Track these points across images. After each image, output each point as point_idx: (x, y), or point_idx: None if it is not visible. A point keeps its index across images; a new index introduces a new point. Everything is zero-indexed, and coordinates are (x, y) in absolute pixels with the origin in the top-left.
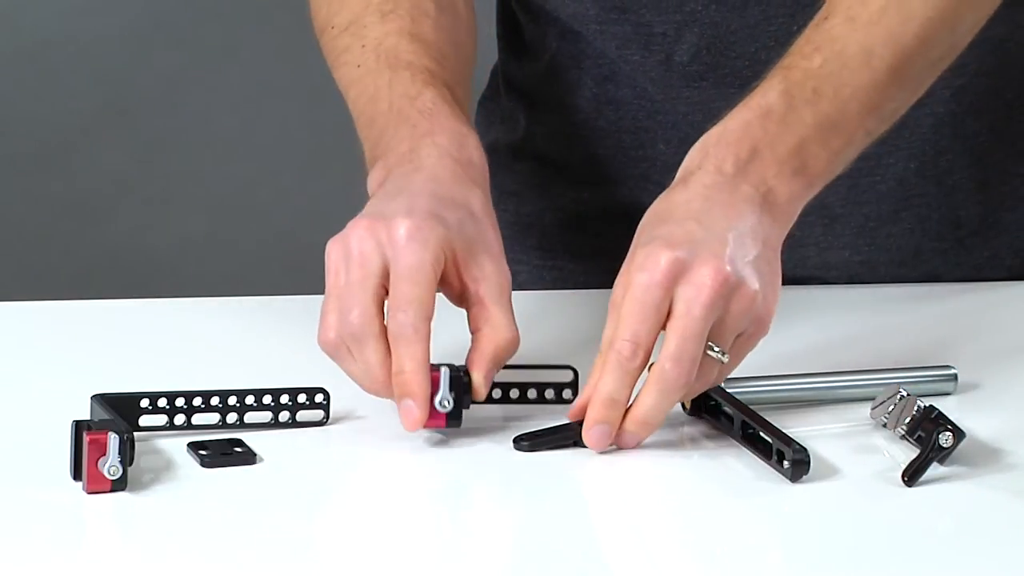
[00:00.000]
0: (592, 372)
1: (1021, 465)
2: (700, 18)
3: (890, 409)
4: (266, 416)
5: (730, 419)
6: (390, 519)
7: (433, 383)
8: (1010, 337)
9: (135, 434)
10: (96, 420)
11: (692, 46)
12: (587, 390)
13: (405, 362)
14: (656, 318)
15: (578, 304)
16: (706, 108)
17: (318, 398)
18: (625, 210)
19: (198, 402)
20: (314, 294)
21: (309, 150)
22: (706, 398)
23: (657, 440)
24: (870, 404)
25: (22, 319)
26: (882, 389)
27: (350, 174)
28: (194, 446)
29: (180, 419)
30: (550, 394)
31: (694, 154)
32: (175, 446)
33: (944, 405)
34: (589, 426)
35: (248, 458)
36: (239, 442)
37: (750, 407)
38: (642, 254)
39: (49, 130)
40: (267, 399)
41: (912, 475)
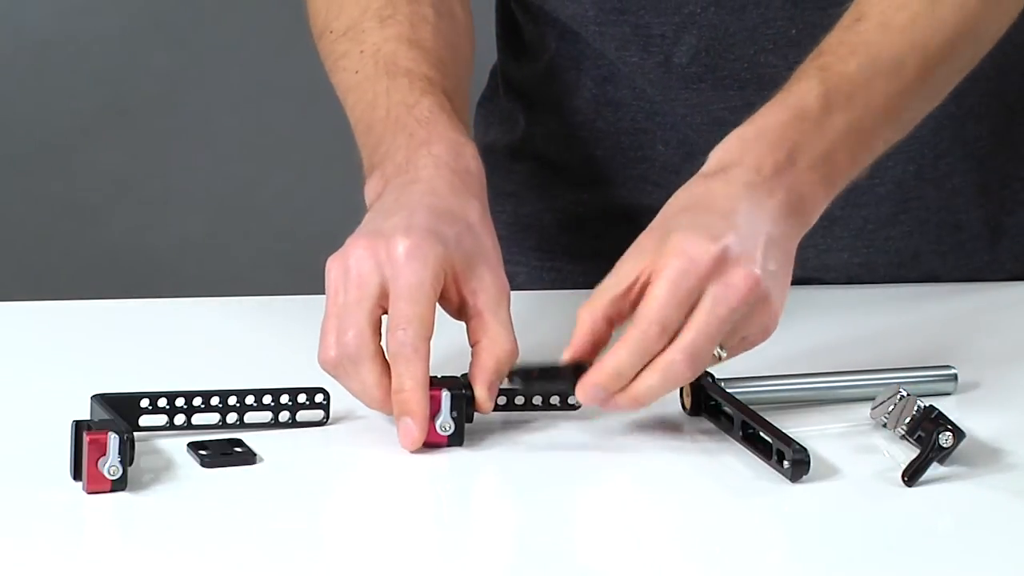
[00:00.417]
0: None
1: (1021, 465)
2: (699, 20)
3: (890, 409)
4: (266, 416)
5: (730, 419)
6: (390, 519)
7: (435, 403)
8: (1010, 337)
9: (135, 434)
10: (96, 420)
11: (691, 48)
12: (579, 336)
13: (404, 381)
14: (687, 306)
15: (577, 304)
16: (704, 110)
17: (318, 398)
18: (624, 211)
19: (198, 402)
20: (314, 294)
21: (309, 150)
22: (706, 398)
23: (657, 439)
24: (870, 404)
25: (22, 319)
26: (882, 389)
27: (350, 174)
28: (194, 446)
29: (180, 419)
30: (555, 401)
31: (731, 146)
32: (175, 446)
33: (944, 405)
34: (587, 384)
35: (248, 458)
36: (239, 442)
37: (750, 407)
38: (685, 239)
39: (49, 130)
40: (267, 399)
41: (912, 475)
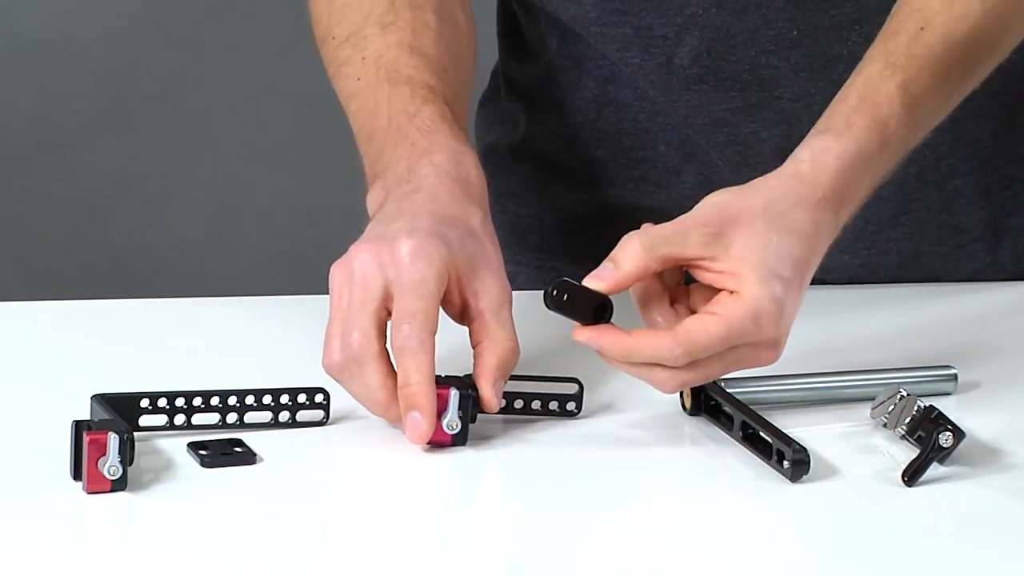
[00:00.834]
0: (630, 246)
1: (1021, 465)
2: (700, 21)
3: (890, 409)
4: (266, 416)
5: (730, 419)
6: (391, 519)
7: (442, 403)
8: (1010, 337)
9: (135, 434)
10: (96, 420)
11: (692, 49)
12: (623, 274)
13: (411, 375)
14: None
15: None
16: (706, 111)
17: (318, 398)
18: (625, 211)
19: (198, 402)
20: (314, 294)
21: (309, 150)
22: (706, 398)
23: (657, 440)
24: (870, 404)
25: (22, 319)
26: (882, 389)
27: (350, 175)
28: (194, 446)
29: (180, 419)
30: (554, 406)
31: (828, 162)
32: (175, 446)
33: (944, 405)
34: (593, 339)
35: (248, 458)
36: (239, 442)
37: (750, 407)
38: (766, 310)
39: (49, 130)
40: (267, 399)
41: (912, 475)
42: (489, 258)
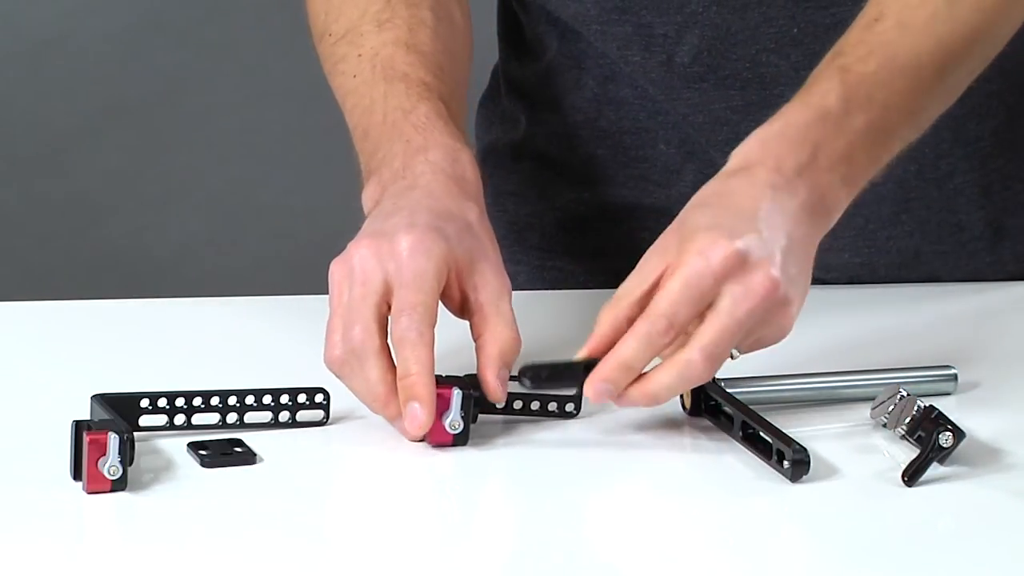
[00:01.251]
0: (602, 313)
1: (1021, 465)
2: (701, 19)
3: (890, 409)
4: (266, 416)
5: (730, 419)
6: (390, 519)
7: (444, 402)
8: (1010, 337)
9: (135, 434)
10: (96, 420)
11: (693, 47)
12: (598, 336)
13: (410, 365)
14: (700, 305)
15: (578, 305)
16: (706, 109)
17: (318, 398)
18: (625, 210)
19: (198, 402)
20: (314, 294)
21: (309, 150)
22: (706, 398)
23: (657, 440)
24: (870, 404)
25: (22, 319)
26: (882, 389)
27: (350, 175)
28: (194, 446)
29: (180, 419)
30: (554, 407)
31: (752, 145)
32: (175, 446)
33: (944, 405)
34: (596, 380)
35: (248, 458)
36: (239, 442)
37: (750, 407)
38: (705, 239)
39: (49, 130)
40: (267, 399)
41: (912, 475)
42: (487, 252)
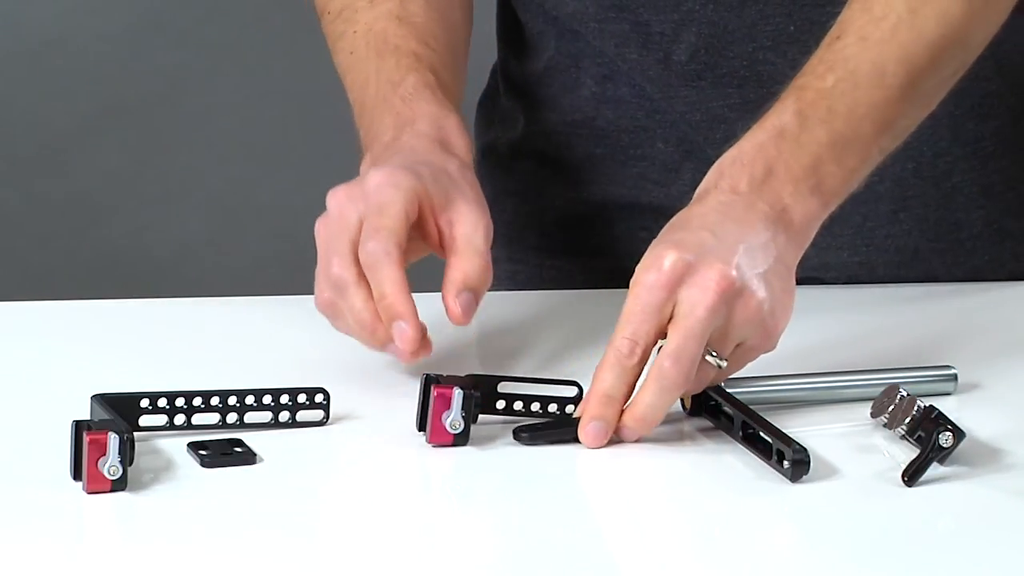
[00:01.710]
0: (596, 373)
1: (1021, 465)
2: (698, 17)
3: (890, 409)
4: (266, 416)
5: (730, 419)
6: (390, 519)
7: (446, 401)
8: (1010, 337)
9: (135, 434)
10: (96, 420)
11: (690, 45)
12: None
13: (384, 287)
14: (657, 318)
15: (579, 304)
16: (704, 107)
17: (318, 398)
18: (624, 209)
19: (198, 402)
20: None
21: (309, 150)
22: (706, 398)
23: (657, 440)
24: (870, 404)
25: (22, 319)
26: (882, 389)
27: (350, 174)
28: (194, 446)
29: (180, 419)
30: (553, 408)
31: (710, 175)
32: (175, 446)
33: (944, 405)
34: (586, 423)
35: (248, 458)
36: (239, 442)
37: (750, 407)
38: (651, 256)
39: (49, 130)
40: (267, 399)
41: (912, 475)
42: (465, 193)
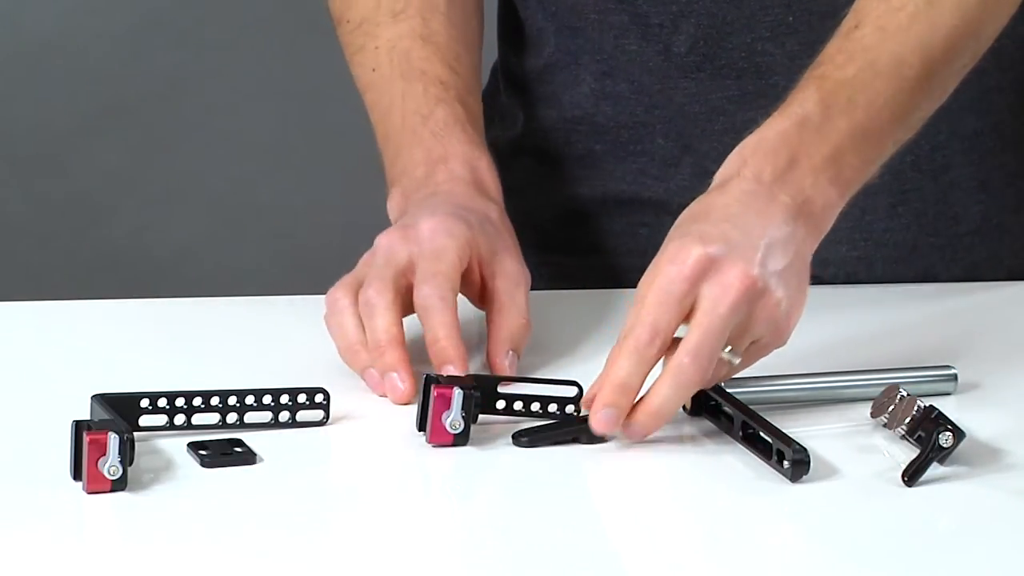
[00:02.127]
0: (607, 361)
1: (1021, 465)
2: (696, 8)
3: (890, 409)
4: (266, 416)
5: (730, 419)
6: (390, 519)
7: (446, 401)
8: (1010, 337)
9: (135, 434)
10: (96, 420)
11: (689, 37)
12: (600, 378)
13: (438, 331)
14: (678, 311)
15: (578, 304)
16: (703, 99)
17: (318, 398)
18: (624, 204)
19: (198, 402)
20: (314, 294)
21: (309, 150)
22: (706, 398)
23: (657, 440)
24: (870, 404)
25: (22, 319)
26: (882, 389)
27: (350, 174)
28: (194, 446)
29: (180, 419)
30: (553, 408)
31: (731, 161)
32: (175, 446)
33: (944, 405)
34: (598, 409)
35: (248, 458)
36: (239, 442)
37: (750, 407)
38: (674, 247)
39: (49, 130)
40: (267, 399)
41: (912, 475)
42: (507, 244)
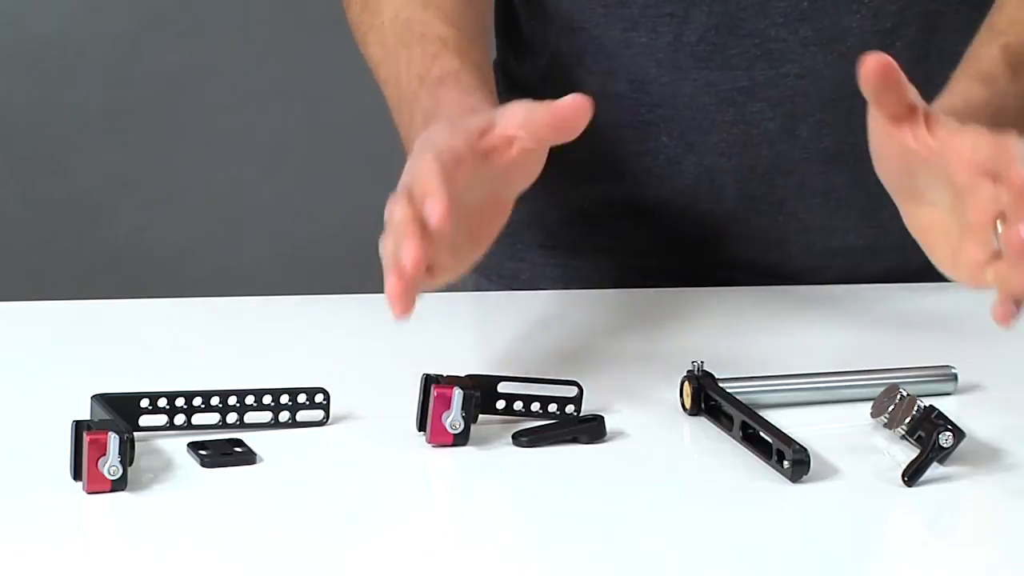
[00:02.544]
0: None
1: (1021, 465)
2: None
3: (890, 409)
4: (266, 416)
5: (730, 419)
6: (390, 519)
7: (446, 401)
8: (1010, 337)
9: (135, 434)
10: (96, 420)
11: (701, 25)
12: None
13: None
14: None
15: (579, 304)
16: (713, 90)
17: (318, 398)
18: (628, 204)
19: (198, 402)
20: (314, 294)
21: (309, 150)
22: (706, 398)
23: (657, 440)
24: (870, 404)
25: (22, 319)
26: (882, 389)
27: (350, 174)
28: (194, 446)
29: (180, 419)
30: (553, 408)
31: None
32: (175, 446)
33: (944, 405)
34: (1005, 298)
35: (248, 458)
36: (239, 442)
37: (750, 407)
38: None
39: (49, 130)
40: (267, 399)
41: (912, 475)
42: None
